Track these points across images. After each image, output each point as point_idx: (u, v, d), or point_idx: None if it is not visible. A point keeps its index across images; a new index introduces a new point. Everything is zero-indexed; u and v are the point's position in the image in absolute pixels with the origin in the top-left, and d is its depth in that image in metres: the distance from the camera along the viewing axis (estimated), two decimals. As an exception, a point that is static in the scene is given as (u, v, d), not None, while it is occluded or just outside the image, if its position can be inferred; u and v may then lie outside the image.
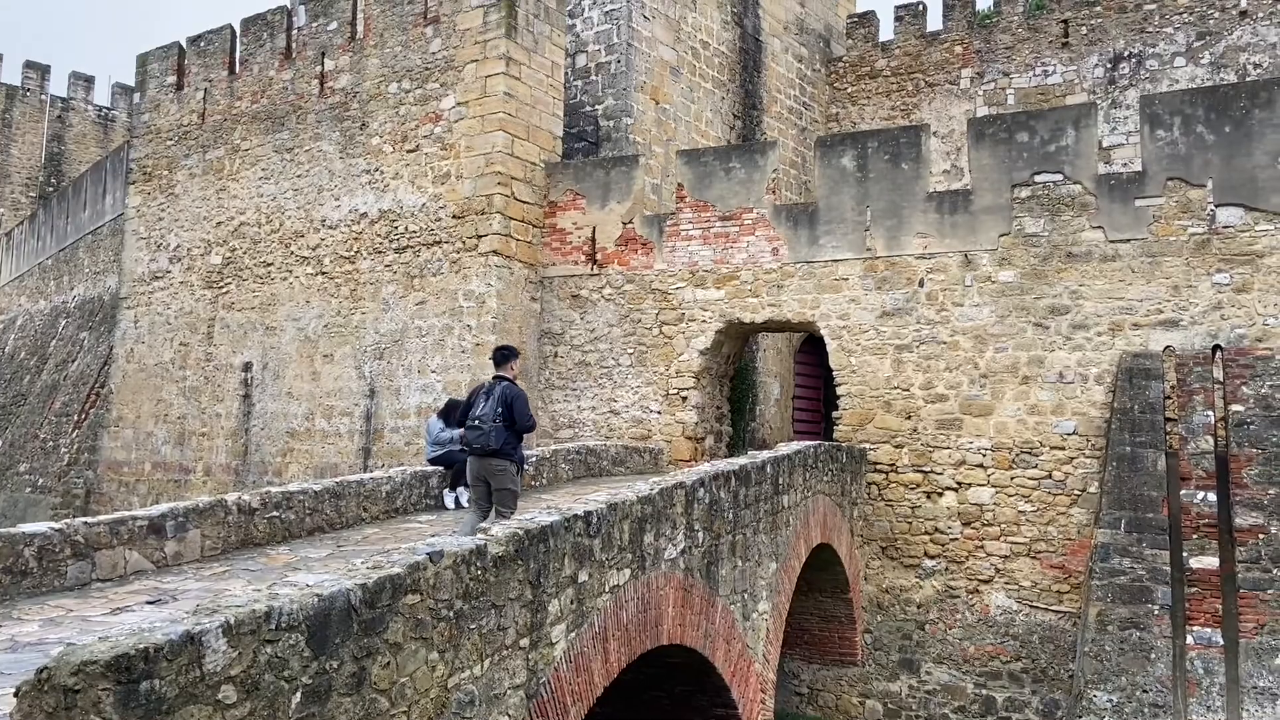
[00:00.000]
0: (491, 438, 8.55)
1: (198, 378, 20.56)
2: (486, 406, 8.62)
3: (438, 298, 16.90)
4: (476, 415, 8.63)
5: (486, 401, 8.65)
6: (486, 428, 8.55)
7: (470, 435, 8.69)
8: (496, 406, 8.57)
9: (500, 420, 8.55)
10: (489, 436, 8.55)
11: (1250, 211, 12.76)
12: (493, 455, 8.61)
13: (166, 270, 21.56)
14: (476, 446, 8.65)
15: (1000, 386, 13.97)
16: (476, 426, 8.60)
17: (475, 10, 16.91)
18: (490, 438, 8.55)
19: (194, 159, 21.16)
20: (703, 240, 16.16)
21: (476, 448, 8.65)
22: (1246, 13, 21.44)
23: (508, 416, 8.57)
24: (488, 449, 8.60)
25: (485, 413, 8.59)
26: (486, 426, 8.55)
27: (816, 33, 25.61)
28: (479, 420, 8.60)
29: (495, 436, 8.55)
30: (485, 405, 8.63)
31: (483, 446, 8.60)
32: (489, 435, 8.55)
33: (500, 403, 8.58)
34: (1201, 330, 12.87)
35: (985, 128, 14.70)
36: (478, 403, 8.74)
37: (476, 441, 8.63)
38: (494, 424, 8.54)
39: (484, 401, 8.67)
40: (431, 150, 17.25)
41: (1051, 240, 13.81)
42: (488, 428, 8.55)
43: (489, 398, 8.67)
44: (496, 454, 8.61)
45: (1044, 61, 23.37)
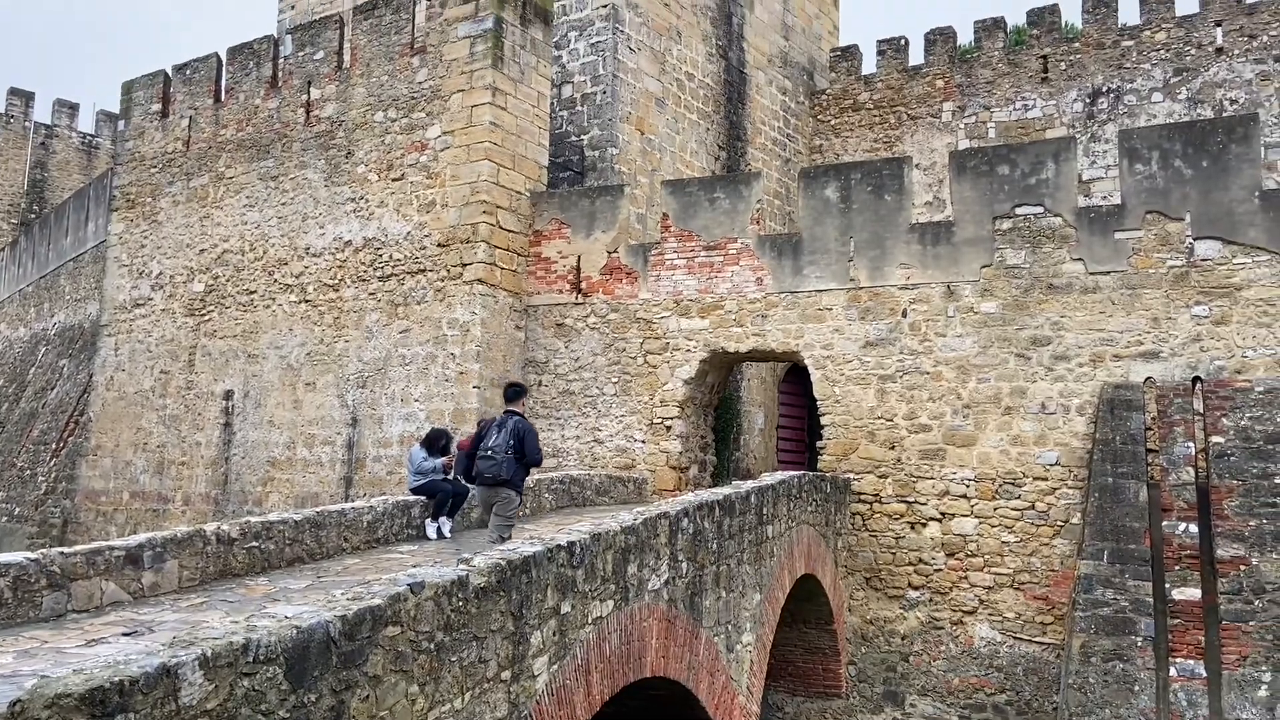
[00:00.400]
0: (503, 469, 9.11)
1: (178, 406, 20.40)
2: (499, 439, 9.18)
3: (421, 326, 16.86)
4: (489, 446, 9.17)
5: (499, 434, 9.22)
6: (499, 459, 9.11)
7: (482, 465, 9.19)
8: (509, 439, 9.14)
9: (511, 452, 9.11)
10: (500, 467, 9.12)
11: (1228, 245, 12.91)
12: (502, 485, 9.17)
13: (148, 297, 21.45)
14: (488, 476, 9.16)
15: (983, 417, 14.03)
16: (489, 457, 9.13)
17: (462, 41, 17.02)
18: (501, 468, 9.11)
19: (178, 186, 21.13)
20: (687, 270, 16.22)
21: (488, 477, 9.16)
22: (1222, 50, 21.82)
23: (519, 449, 9.13)
24: (499, 479, 9.15)
25: (497, 444, 9.15)
26: (499, 458, 9.11)
27: (800, 66, 25.89)
28: (491, 451, 9.13)
29: (506, 468, 9.11)
30: (497, 437, 9.19)
31: (494, 476, 9.14)
32: (500, 466, 9.11)
33: (512, 435, 9.16)
34: (1181, 362, 12.97)
35: (967, 160, 14.85)
36: (489, 435, 9.29)
37: (488, 471, 9.15)
38: (505, 455, 9.09)
39: (496, 434, 9.24)
40: (417, 179, 17.28)
41: (1033, 272, 13.93)
42: (500, 459, 9.10)
43: (501, 431, 9.24)
44: (506, 484, 9.17)
45: (1024, 96, 23.68)
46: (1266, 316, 12.64)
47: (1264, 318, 12.65)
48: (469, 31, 16.96)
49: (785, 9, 25.43)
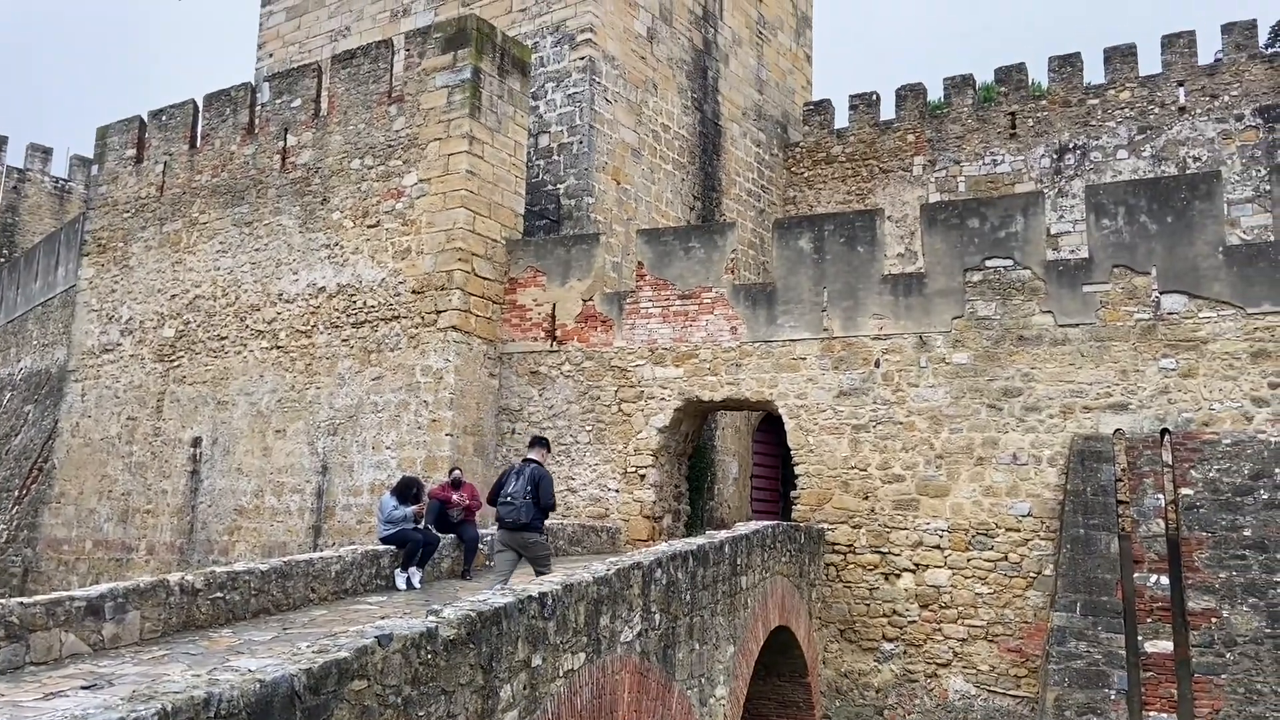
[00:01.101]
0: (522, 513, 9.74)
1: (144, 453, 20.09)
2: (517, 485, 9.81)
3: (395, 373, 16.76)
4: (509, 492, 9.82)
5: (517, 481, 9.85)
6: (518, 504, 9.73)
7: (502, 510, 9.86)
8: (526, 485, 9.77)
9: (529, 497, 9.73)
10: (519, 511, 9.74)
11: (1193, 299, 13.13)
12: (523, 529, 9.81)
13: (117, 343, 21.20)
14: (508, 521, 9.81)
15: (956, 467, 14.07)
16: (509, 502, 9.77)
17: (440, 91, 17.15)
18: (521, 513, 9.74)
19: (150, 231, 21.00)
20: (662, 318, 16.27)
21: (508, 521, 9.81)
22: (1185, 109, 22.40)
23: (535, 494, 9.75)
24: (518, 523, 9.78)
25: (516, 490, 9.78)
26: (518, 503, 9.73)
27: (774, 119, 26.29)
28: (511, 497, 9.78)
29: (525, 511, 9.74)
30: (516, 484, 9.83)
31: (514, 521, 9.79)
32: (519, 510, 9.73)
33: (530, 482, 9.79)
34: (1150, 414, 13.11)
35: (938, 213, 15.07)
36: (509, 481, 9.93)
37: (508, 516, 9.80)
38: (524, 500, 9.72)
39: (515, 480, 9.88)
40: (392, 225, 17.29)
41: (1003, 323, 14.08)
42: (519, 504, 9.72)
43: (520, 477, 9.86)
44: (526, 527, 9.81)
45: (993, 151, 24.14)
46: (1232, 370, 12.83)
47: (1230, 371, 12.84)
48: (447, 81, 17.11)
49: (759, 64, 25.88)
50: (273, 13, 25.78)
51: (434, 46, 17.38)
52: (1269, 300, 12.78)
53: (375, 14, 23.54)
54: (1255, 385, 12.71)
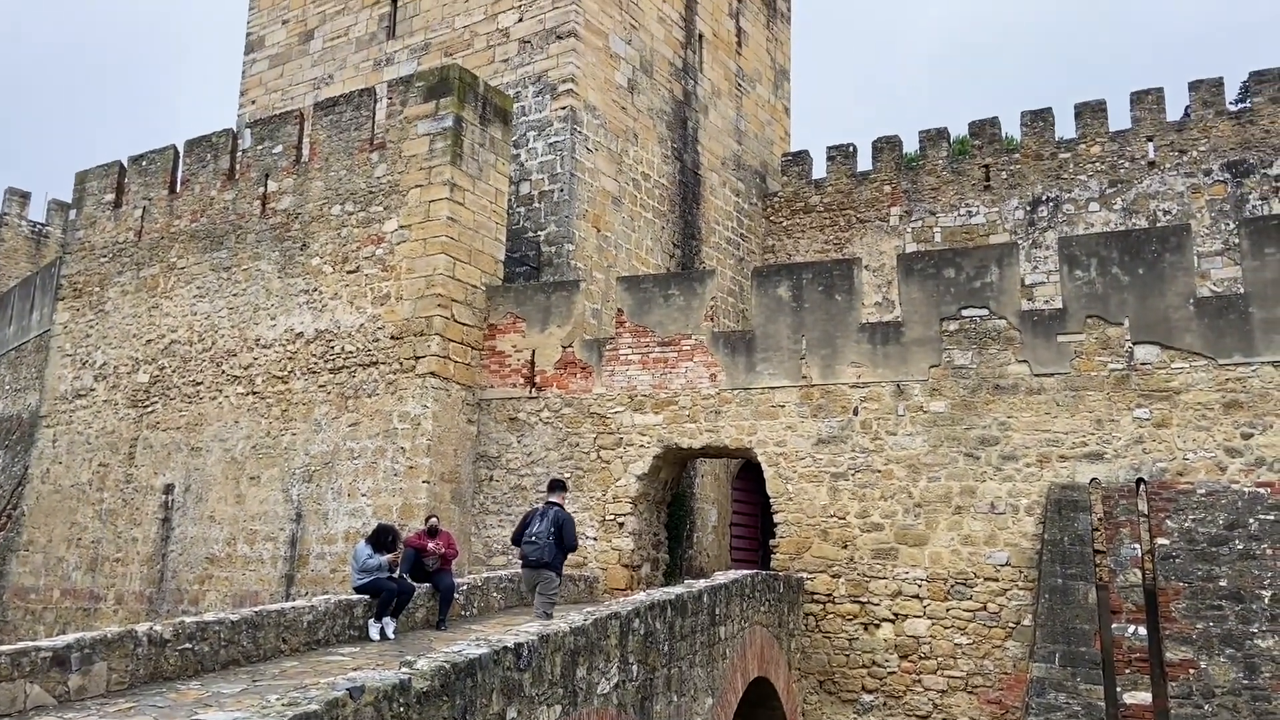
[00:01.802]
0: (545, 552, 10.51)
1: (115, 500, 19.78)
2: (541, 526, 10.61)
3: (372, 419, 16.65)
4: (533, 533, 10.60)
5: (541, 522, 10.65)
6: (541, 543, 10.52)
7: (527, 549, 10.65)
8: (550, 527, 10.55)
9: (552, 538, 10.50)
10: (543, 551, 10.52)
11: (1166, 350, 13.28)
12: (545, 567, 10.55)
13: (90, 388, 20.97)
14: (532, 559, 10.59)
15: (934, 516, 14.08)
16: (533, 542, 10.56)
17: (422, 138, 17.27)
18: (544, 552, 10.51)
19: (127, 276, 20.89)
20: (641, 365, 16.28)
21: (532, 560, 10.60)
22: (1154, 163, 22.86)
23: (558, 535, 10.54)
24: (542, 561, 10.54)
25: (540, 531, 10.57)
26: (541, 542, 10.52)
27: (753, 169, 26.60)
28: (535, 537, 10.57)
29: (548, 551, 10.51)
30: (540, 525, 10.63)
31: (538, 559, 10.55)
32: (543, 550, 10.52)
33: (554, 524, 10.58)
34: (1125, 463, 13.19)
35: (914, 263, 15.23)
36: (533, 523, 10.72)
37: (532, 555, 10.58)
38: (547, 541, 10.50)
39: (539, 522, 10.67)
40: (372, 271, 17.29)
41: (979, 372, 14.19)
42: (542, 543, 10.52)
43: (544, 519, 10.66)
44: (548, 566, 10.56)
45: (967, 203, 24.51)
46: (1205, 420, 12.95)
47: (1203, 421, 12.96)
48: (429, 129, 17.23)
49: (738, 115, 26.25)
50: (256, 60, 25.96)
51: (416, 95, 17.53)
52: (1240, 351, 12.95)
53: (358, 63, 23.75)
54: (1228, 435, 12.83)
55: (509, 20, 21.44)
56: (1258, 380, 12.84)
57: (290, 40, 25.34)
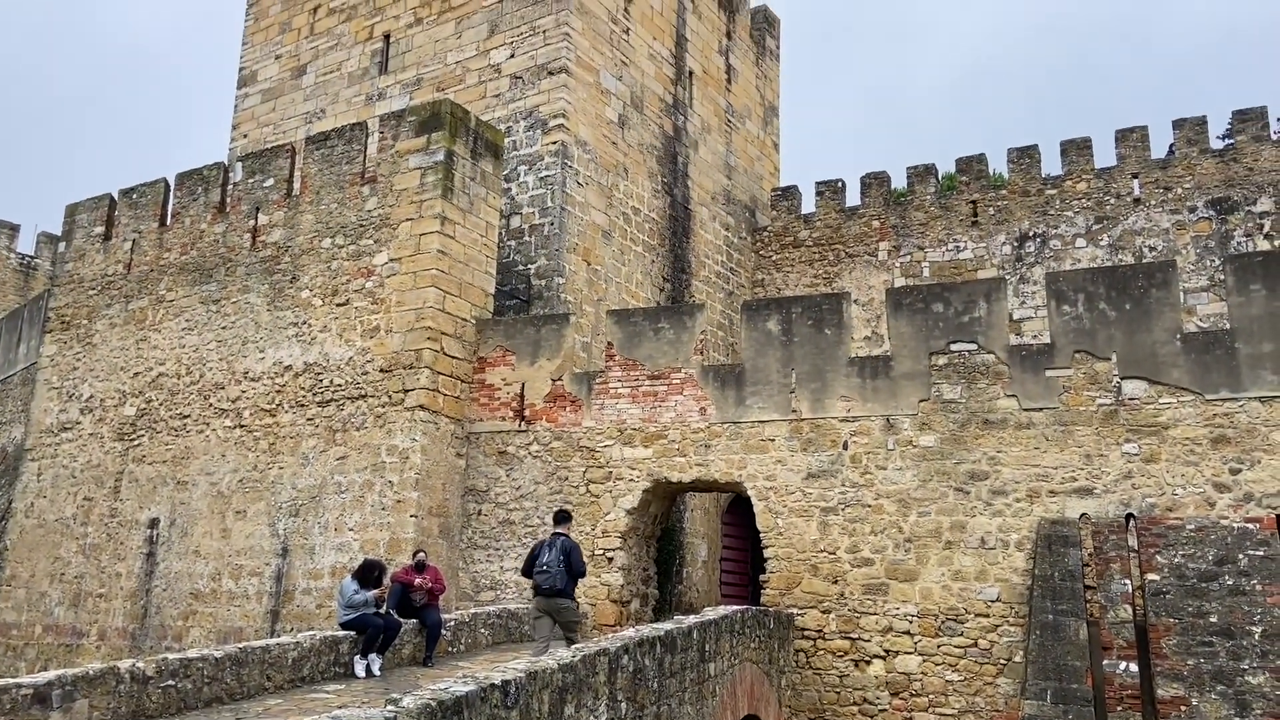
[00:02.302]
0: (557, 580, 11.06)
1: (100, 535, 19.58)
2: (551, 556, 11.15)
3: (360, 453, 16.57)
4: (544, 563, 11.13)
5: (550, 552, 11.19)
6: (553, 571, 11.05)
7: (539, 579, 11.17)
8: (559, 556, 11.11)
9: (562, 566, 11.06)
10: (555, 579, 11.05)
11: (1153, 385, 13.33)
12: (558, 595, 11.09)
13: (76, 421, 20.82)
14: (545, 588, 11.11)
15: (924, 551, 14.03)
16: (545, 571, 11.10)
17: (413, 172, 17.34)
18: (556, 579, 11.05)
19: (116, 308, 20.82)
20: (631, 398, 16.26)
21: (545, 588, 11.11)
22: (1140, 200, 23.11)
23: (567, 563, 11.10)
24: (554, 589, 11.08)
25: (550, 560, 11.10)
26: (553, 570, 11.05)
27: (743, 203, 26.77)
28: (546, 566, 11.10)
29: (559, 579, 11.06)
30: (550, 555, 11.16)
31: (550, 587, 11.08)
32: (555, 578, 11.05)
33: (562, 552, 11.14)
34: (1114, 498, 13.19)
35: (903, 298, 15.29)
36: (542, 553, 11.24)
37: (545, 584, 11.11)
38: (558, 569, 11.04)
39: (549, 552, 11.20)
40: (362, 304, 17.28)
41: (969, 407, 14.21)
42: (554, 572, 11.05)
43: (552, 549, 11.20)
44: (560, 593, 11.10)
45: (955, 238, 24.69)
46: (1193, 455, 12.98)
47: (1191, 456, 12.98)
48: (420, 163, 17.31)
49: (728, 150, 26.45)
50: (249, 95, 26.09)
51: (408, 129, 17.62)
52: (1226, 387, 13.01)
53: (350, 97, 23.90)
54: (1216, 471, 12.85)
55: (501, 56, 21.64)
56: (1245, 416, 12.89)
57: (283, 75, 25.50)
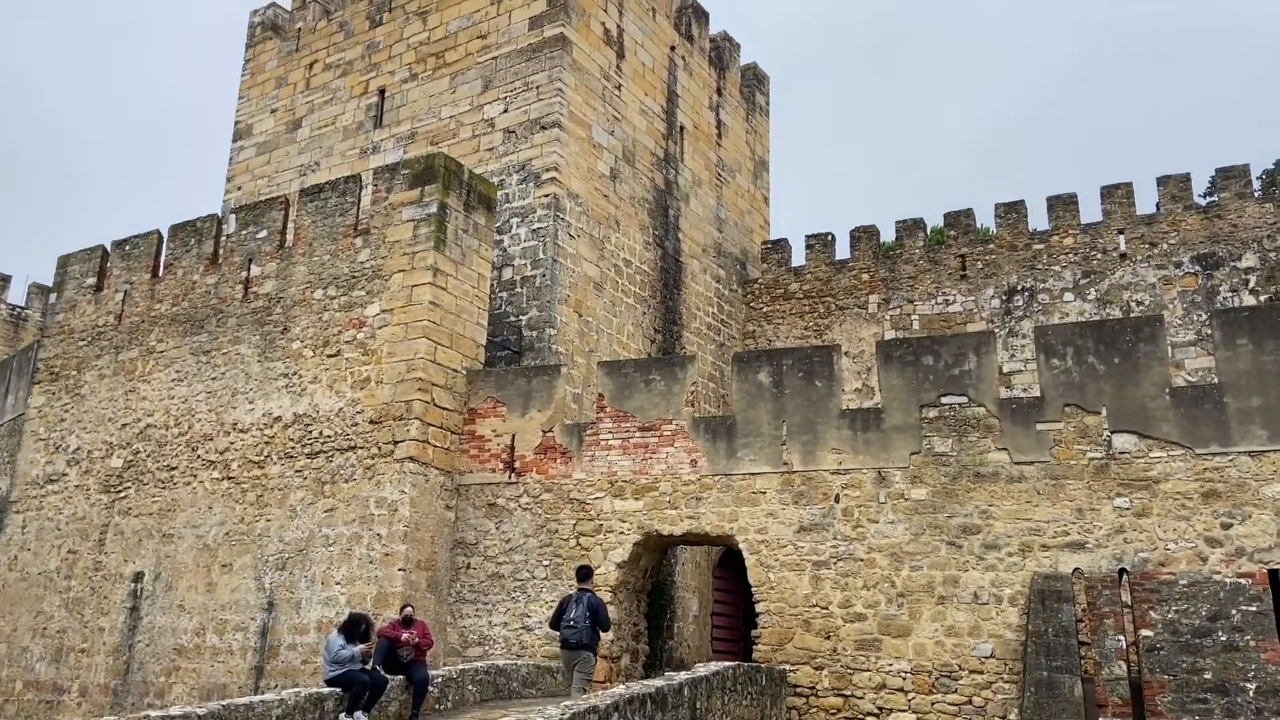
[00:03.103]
0: (583, 635, 11.91)
1: (83, 588, 19.29)
2: (578, 611, 11.97)
3: (348, 505, 16.43)
4: (571, 618, 11.96)
5: (577, 608, 12.01)
6: (580, 626, 11.90)
7: (566, 633, 11.99)
8: (585, 611, 11.93)
9: (587, 621, 11.91)
10: (581, 634, 11.91)
11: (1144, 439, 13.36)
12: (583, 648, 11.93)
13: (63, 473, 20.62)
14: (572, 642, 11.96)
15: (917, 606, 13.91)
16: (572, 626, 11.94)
17: (406, 224, 17.44)
18: (582, 635, 11.91)
19: (105, 359, 20.74)
20: (622, 450, 16.21)
21: (571, 643, 11.96)
22: (1126, 255, 23.35)
23: (593, 619, 11.95)
24: (580, 644, 11.92)
25: (577, 616, 11.94)
26: (580, 625, 11.90)
27: (733, 256, 26.97)
28: (573, 621, 11.94)
29: (585, 634, 11.91)
30: (577, 610, 11.98)
31: (576, 642, 11.93)
32: (581, 633, 11.90)
33: (588, 608, 11.98)
34: (1107, 553, 13.13)
35: (893, 350, 15.35)
36: (570, 609, 12.06)
37: (571, 638, 11.95)
38: (585, 624, 11.90)
39: (575, 608, 12.02)
40: (353, 355, 17.26)
41: (960, 460, 14.19)
42: (580, 627, 11.90)
43: (579, 605, 12.02)
44: (585, 646, 11.95)
45: (944, 291, 24.87)
46: (1185, 510, 12.96)
47: (1183, 510, 12.97)
48: (413, 215, 17.41)
49: (718, 204, 26.71)
50: (244, 148, 26.32)
51: (402, 181, 17.76)
52: (1216, 441, 13.04)
53: (345, 150, 24.12)
54: (1208, 525, 12.83)
55: (494, 111, 21.91)
56: (1235, 470, 12.90)
57: (278, 129, 25.76)
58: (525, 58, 21.74)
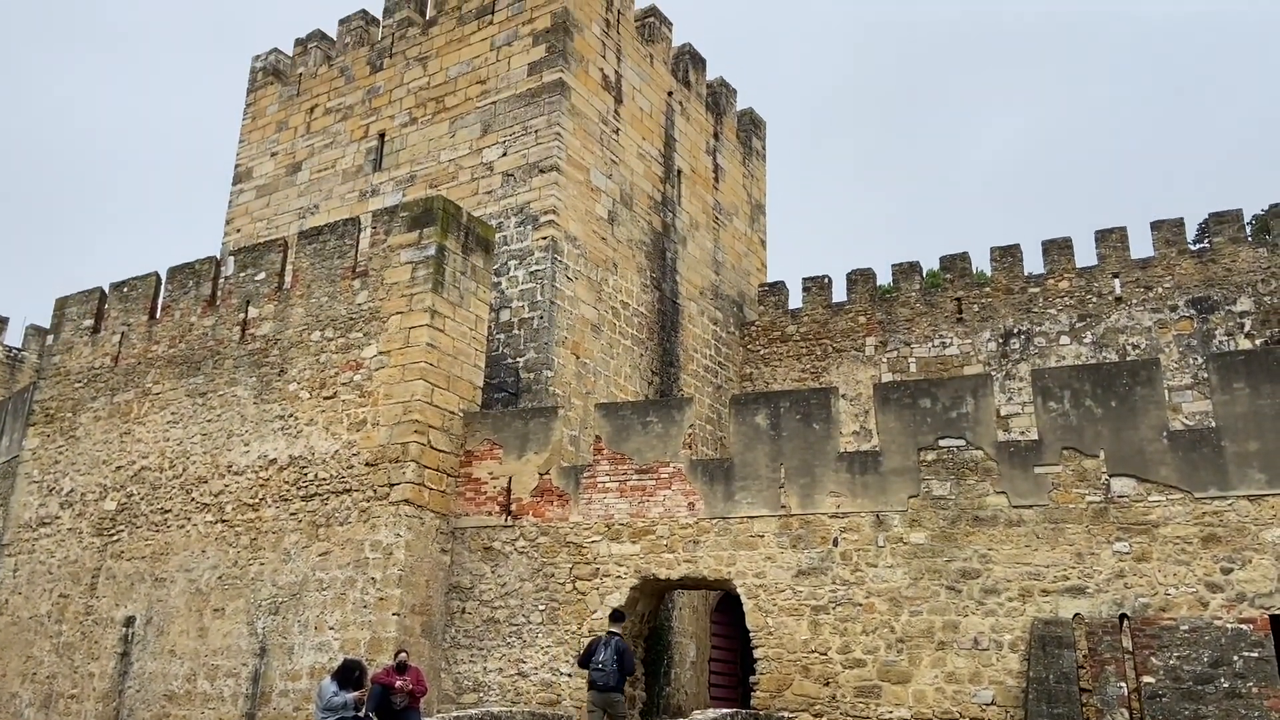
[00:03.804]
0: (611, 678, 12.27)
1: (74, 633, 19.06)
2: (606, 654, 12.37)
3: (343, 548, 16.30)
4: (599, 661, 12.35)
5: (605, 650, 12.42)
6: (608, 669, 12.28)
7: (594, 675, 12.37)
8: (613, 654, 12.35)
9: (615, 664, 12.30)
10: (610, 677, 12.27)
11: (1142, 483, 13.31)
12: (611, 690, 12.30)
13: (56, 516, 20.45)
14: (600, 684, 12.32)
15: (917, 652, 13.77)
16: (600, 669, 12.32)
17: (404, 266, 17.50)
18: (610, 677, 12.27)
19: (101, 401, 20.67)
20: (619, 493, 16.13)
21: (600, 685, 12.32)
22: (1121, 299, 23.44)
23: (620, 662, 12.35)
24: (608, 685, 12.29)
25: (605, 659, 12.33)
26: (608, 669, 12.28)
27: (730, 298, 27.05)
28: (601, 664, 12.32)
29: (613, 676, 12.28)
30: (605, 653, 12.39)
31: (604, 684, 12.30)
32: (609, 675, 12.27)
33: (616, 652, 12.39)
34: (1107, 598, 13.03)
35: (890, 393, 15.34)
36: (598, 651, 12.46)
37: (600, 681, 12.32)
38: (612, 667, 12.28)
39: (604, 650, 12.43)
40: (349, 397, 17.22)
41: (959, 503, 14.13)
42: (608, 669, 12.28)
43: (607, 648, 12.44)
44: (613, 689, 12.32)
45: (941, 334, 24.93)
46: (1185, 554, 12.88)
47: (1183, 555, 12.89)
48: (411, 257, 17.48)
49: (716, 247, 26.85)
50: (244, 190, 26.49)
51: (401, 224, 17.84)
52: (1215, 485, 12.99)
53: (344, 193, 24.27)
54: (1208, 570, 12.74)
55: (493, 155, 22.09)
56: (1234, 514, 12.84)
57: (278, 172, 25.94)
58: (524, 102, 21.97)
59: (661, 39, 25.93)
